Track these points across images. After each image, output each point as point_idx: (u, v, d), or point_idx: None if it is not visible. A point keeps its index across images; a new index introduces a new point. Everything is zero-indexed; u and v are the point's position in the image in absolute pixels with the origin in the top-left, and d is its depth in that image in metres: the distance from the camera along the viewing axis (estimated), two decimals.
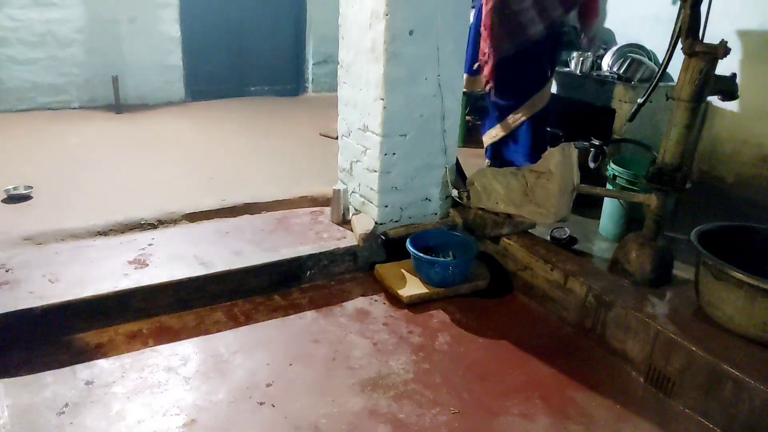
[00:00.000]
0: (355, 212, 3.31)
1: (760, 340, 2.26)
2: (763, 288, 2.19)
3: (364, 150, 3.15)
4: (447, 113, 3.12)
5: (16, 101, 5.55)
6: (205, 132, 5.21)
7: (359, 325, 2.64)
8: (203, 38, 6.32)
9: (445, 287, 2.88)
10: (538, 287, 2.88)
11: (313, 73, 7.01)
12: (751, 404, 2.01)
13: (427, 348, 2.51)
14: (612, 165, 3.23)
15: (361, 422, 2.06)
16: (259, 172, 4.19)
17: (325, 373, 2.31)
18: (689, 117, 2.54)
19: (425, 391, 2.24)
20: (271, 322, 2.64)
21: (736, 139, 4.16)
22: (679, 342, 2.24)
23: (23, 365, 2.23)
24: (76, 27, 5.62)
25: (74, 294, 2.45)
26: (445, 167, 3.24)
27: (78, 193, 3.65)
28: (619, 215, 3.20)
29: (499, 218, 3.11)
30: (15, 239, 2.87)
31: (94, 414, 2.02)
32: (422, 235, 3.08)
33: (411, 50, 2.88)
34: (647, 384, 2.35)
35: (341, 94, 3.31)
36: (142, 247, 2.90)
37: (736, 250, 2.47)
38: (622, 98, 4.26)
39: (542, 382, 2.34)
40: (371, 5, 2.84)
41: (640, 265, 2.70)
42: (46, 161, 4.21)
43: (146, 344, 2.42)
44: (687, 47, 2.45)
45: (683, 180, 2.66)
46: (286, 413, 2.08)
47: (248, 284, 2.79)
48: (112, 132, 5.06)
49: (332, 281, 2.99)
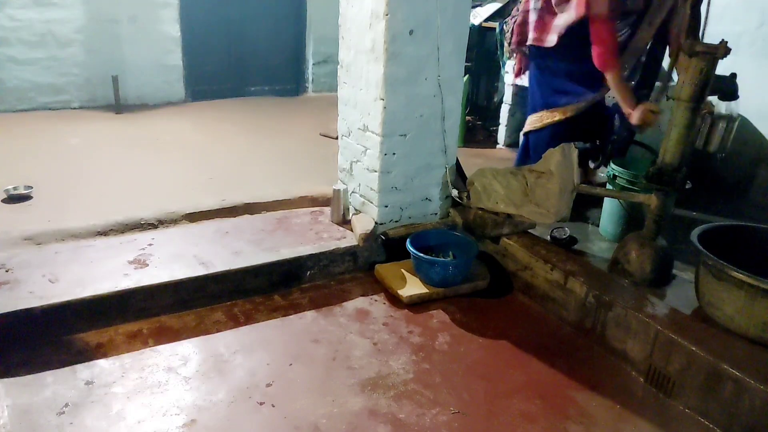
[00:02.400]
0: (355, 212, 3.31)
1: (760, 340, 2.26)
2: (763, 288, 2.18)
3: (364, 150, 3.15)
4: (447, 113, 3.12)
5: (16, 101, 5.55)
6: (205, 132, 5.22)
7: (359, 325, 2.64)
8: (203, 38, 6.33)
9: (445, 287, 2.88)
10: (538, 287, 2.88)
11: (313, 73, 7.01)
12: (752, 404, 2.01)
13: (427, 348, 2.51)
14: (612, 165, 3.23)
15: (361, 422, 2.06)
16: (259, 172, 4.19)
17: (325, 373, 2.31)
18: (689, 117, 2.54)
19: (425, 391, 2.24)
20: (271, 322, 2.64)
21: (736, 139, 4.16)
22: (679, 342, 2.24)
23: (23, 365, 2.23)
24: (76, 27, 5.62)
25: (74, 294, 2.45)
26: (445, 167, 3.24)
27: (78, 193, 3.65)
28: (619, 215, 3.19)
29: (499, 218, 3.11)
30: (15, 239, 2.87)
31: (94, 414, 2.02)
32: (422, 235, 3.08)
33: (411, 50, 2.88)
34: (647, 384, 2.35)
35: (341, 94, 3.31)
36: (142, 247, 2.91)
37: (736, 250, 2.46)
38: None
39: (542, 382, 2.34)
40: (371, 5, 2.84)
41: (640, 265, 2.70)
42: (46, 161, 4.21)
43: (146, 344, 2.42)
44: (687, 47, 2.45)
45: (683, 180, 2.66)
46: (286, 413, 2.08)
47: (248, 284, 2.79)
48: (112, 132, 5.06)
49: (332, 281, 2.99)
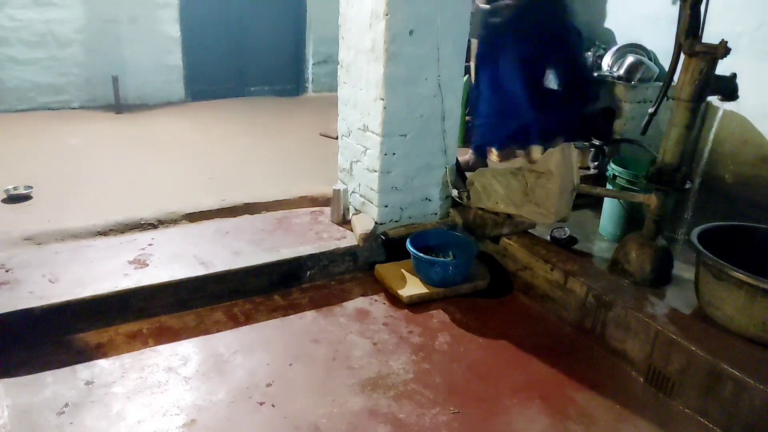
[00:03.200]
0: (355, 212, 3.31)
1: (760, 340, 2.26)
2: (763, 288, 2.19)
3: (364, 150, 3.15)
4: (447, 113, 3.12)
5: (16, 101, 5.54)
6: (205, 132, 5.21)
7: (359, 325, 2.64)
8: (203, 38, 6.31)
9: (445, 287, 2.88)
10: (538, 287, 2.88)
11: (313, 73, 7.00)
12: (751, 404, 2.01)
13: (427, 348, 2.51)
14: (612, 165, 3.23)
15: (361, 422, 2.06)
16: (259, 172, 4.19)
17: (325, 373, 2.31)
18: (689, 117, 2.53)
19: (425, 391, 2.24)
20: (271, 322, 2.64)
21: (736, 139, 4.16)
22: (679, 342, 2.24)
23: (23, 365, 2.23)
24: (76, 27, 5.61)
25: (74, 294, 2.45)
26: (445, 167, 3.24)
27: (78, 193, 3.65)
28: (619, 215, 3.20)
29: (499, 218, 3.11)
30: (15, 239, 2.87)
31: (94, 414, 2.02)
32: (422, 235, 3.08)
33: (411, 50, 2.88)
34: (647, 384, 2.35)
35: (341, 94, 3.31)
36: (142, 247, 2.90)
37: (736, 250, 2.46)
38: (622, 98, 4.26)
39: (542, 382, 2.34)
40: (371, 5, 2.84)
41: (640, 265, 2.70)
42: (46, 161, 4.21)
43: (146, 344, 2.42)
44: (687, 47, 2.45)
45: (683, 180, 2.66)
46: (286, 413, 2.08)
47: (248, 284, 2.79)
48: (112, 132, 5.05)
49: (332, 281, 2.99)
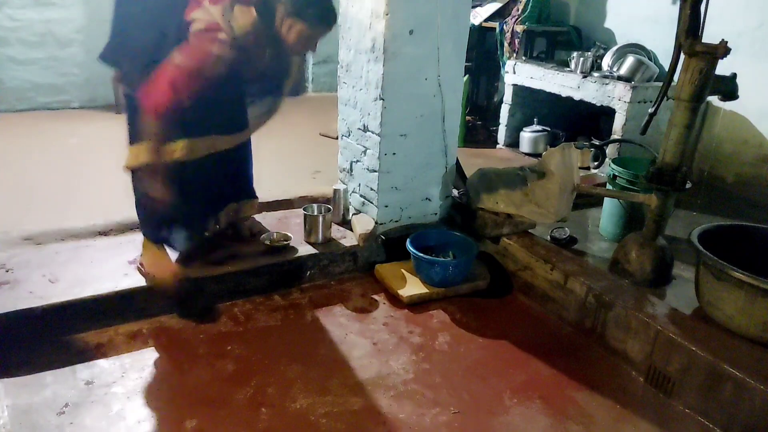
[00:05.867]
0: (355, 212, 3.31)
1: (760, 340, 2.26)
2: (763, 288, 2.18)
3: (364, 150, 3.15)
4: (447, 113, 3.12)
5: (16, 101, 5.55)
6: None
7: (359, 325, 2.64)
8: None
9: (445, 287, 2.88)
10: (538, 287, 2.88)
11: (313, 73, 7.00)
12: (752, 404, 2.01)
13: (427, 348, 2.51)
14: (612, 165, 3.23)
15: (361, 422, 2.06)
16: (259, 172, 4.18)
17: (325, 373, 2.31)
18: (689, 117, 2.53)
19: (425, 391, 2.24)
20: (271, 322, 2.64)
21: (736, 139, 4.16)
22: (679, 342, 2.24)
23: (23, 365, 2.22)
24: (76, 27, 5.62)
25: (74, 294, 2.45)
26: (445, 167, 3.24)
27: (78, 193, 3.65)
28: (619, 215, 3.20)
29: (499, 218, 3.11)
30: (15, 239, 2.87)
31: (94, 414, 2.02)
32: (422, 235, 3.07)
33: (411, 50, 2.88)
34: (647, 384, 2.35)
35: (341, 94, 3.31)
36: None
37: (736, 250, 2.46)
38: (622, 98, 4.27)
39: (542, 382, 2.34)
40: (371, 5, 2.84)
41: (640, 265, 2.70)
42: (46, 161, 4.21)
43: (146, 344, 2.42)
44: (687, 47, 2.45)
45: (683, 180, 2.66)
46: (286, 413, 2.08)
47: (248, 284, 2.79)
48: (112, 132, 5.02)
49: (332, 281, 2.99)
